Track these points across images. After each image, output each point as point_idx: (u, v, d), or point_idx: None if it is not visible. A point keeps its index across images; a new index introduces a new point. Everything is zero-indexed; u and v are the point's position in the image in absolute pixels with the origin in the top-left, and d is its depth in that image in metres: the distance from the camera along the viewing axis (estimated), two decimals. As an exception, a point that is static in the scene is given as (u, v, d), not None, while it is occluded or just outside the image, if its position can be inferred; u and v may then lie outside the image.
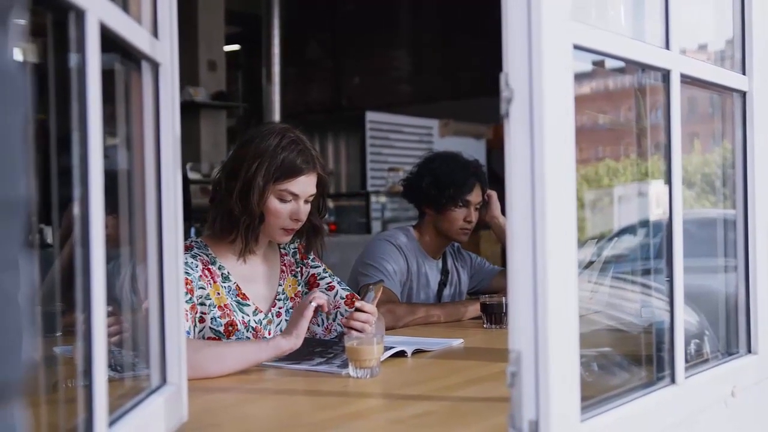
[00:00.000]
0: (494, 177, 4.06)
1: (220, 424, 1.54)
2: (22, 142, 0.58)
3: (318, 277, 2.39)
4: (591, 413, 1.28)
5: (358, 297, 2.31)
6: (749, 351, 1.82)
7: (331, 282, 2.38)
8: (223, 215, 2.19)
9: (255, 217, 2.16)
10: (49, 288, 1.76)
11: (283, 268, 2.36)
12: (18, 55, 0.60)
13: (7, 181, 0.57)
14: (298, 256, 2.40)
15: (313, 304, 1.98)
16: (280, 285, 2.33)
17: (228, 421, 1.58)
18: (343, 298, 2.34)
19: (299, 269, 2.39)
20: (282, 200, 2.18)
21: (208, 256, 2.21)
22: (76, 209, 0.99)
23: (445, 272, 3.14)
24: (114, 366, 1.31)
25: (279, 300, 2.31)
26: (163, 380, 1.37)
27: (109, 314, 1.06)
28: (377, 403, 1.71)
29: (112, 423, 1.08)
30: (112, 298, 1.13)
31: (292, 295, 2.35)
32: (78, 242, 0.99)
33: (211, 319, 2.14)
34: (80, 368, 1.35)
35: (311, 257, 2.41)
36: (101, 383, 1.01)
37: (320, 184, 2.24)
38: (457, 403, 1.66)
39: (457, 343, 2.35)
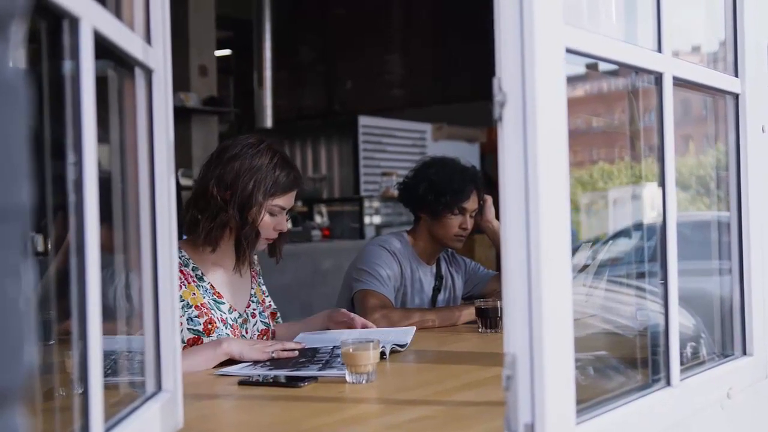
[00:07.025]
0: (488, 181, 4.06)
1: (215, 431, 1.54)
2: (24, 149, 0.59)
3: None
4: (586, 416, 1.28)
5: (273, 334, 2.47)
6: (744, 353, 1.82)
7: (271, 304, 2.53)
8: (218, 227, 2.25)
9: (254, 231, 2.27)
10: (43, 296, 1.75)
11: (253, 274, 2.48)
12: (17, 62, 0.61)
13: (11, 188, 0.57)
14: (258, 268, 2.52)
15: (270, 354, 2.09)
16: (252, 288, 2.44)
17: (223, 427, 1.57)
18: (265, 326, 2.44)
19: (261, 279, 2.52)
20: (271, 214, 2.29)
21: (181, 258, 2.26)
22: (71, 217, 0.99)
23: (439, 277, 3.13)
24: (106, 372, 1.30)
25: (252, 302, 2.42)
26: (159, 387, 1.36)
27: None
28: (374, 408, 1.71)
29: (107, 430, 1.08)
30: (107, 306, 1.13)
31: (261, 300, 2.47)
32: (73, 250, 0.99)
33: (188, 319, 2.21)
34: (72, 376, 1.34)
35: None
36: (97, 391, 1.01)
37: (297, 196, 2.39)
38: (454, 407, 1.66)
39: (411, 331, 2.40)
